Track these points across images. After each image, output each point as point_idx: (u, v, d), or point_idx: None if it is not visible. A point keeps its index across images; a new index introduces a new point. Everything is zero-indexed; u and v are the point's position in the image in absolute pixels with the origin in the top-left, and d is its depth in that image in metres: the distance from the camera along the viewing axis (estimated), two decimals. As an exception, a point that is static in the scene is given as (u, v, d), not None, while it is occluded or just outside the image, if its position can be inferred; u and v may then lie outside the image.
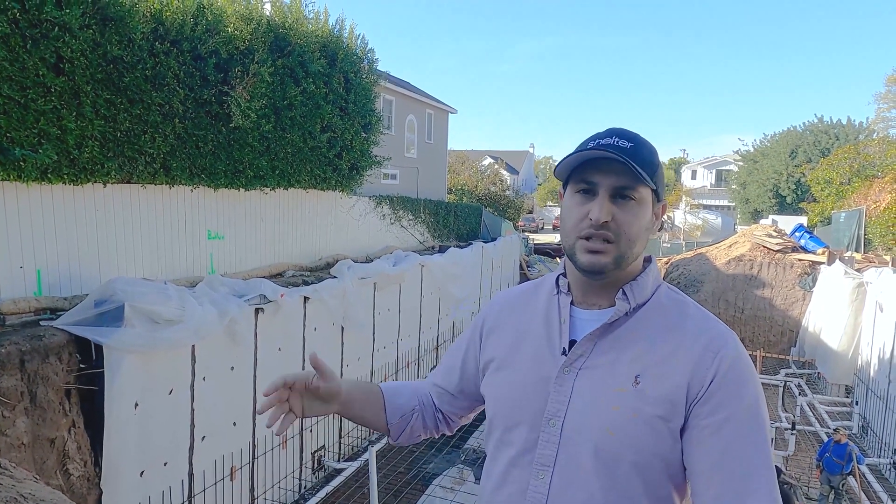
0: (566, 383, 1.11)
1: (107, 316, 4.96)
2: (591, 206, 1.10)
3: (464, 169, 28.45)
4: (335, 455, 8.57)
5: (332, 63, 9.08)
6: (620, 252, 1.10)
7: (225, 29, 7.02)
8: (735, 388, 1.02)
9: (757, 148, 34.04)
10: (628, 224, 1.09)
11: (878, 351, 10.38)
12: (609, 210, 1.08)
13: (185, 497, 5.80)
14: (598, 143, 1.10)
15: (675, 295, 1.18)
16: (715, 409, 1.01)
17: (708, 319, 1.13)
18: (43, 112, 5.11)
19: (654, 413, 1.03)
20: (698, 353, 1.05)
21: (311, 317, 7.74)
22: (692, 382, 1.04)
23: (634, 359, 1.08)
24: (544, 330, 1.20)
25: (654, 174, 1.11)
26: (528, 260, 21.32)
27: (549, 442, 1.10)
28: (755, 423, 1.01)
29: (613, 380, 1.08)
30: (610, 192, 1.09)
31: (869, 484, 8.09)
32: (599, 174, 1.09)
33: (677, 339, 1.09)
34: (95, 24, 5.49)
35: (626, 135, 1.12)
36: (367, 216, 11.82)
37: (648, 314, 1.13)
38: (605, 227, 1.08)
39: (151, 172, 6.51)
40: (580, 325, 1.16)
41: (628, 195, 1.09)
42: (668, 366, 1.06)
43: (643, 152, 1.10)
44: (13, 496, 2.03)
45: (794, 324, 14.58)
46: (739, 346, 1.08)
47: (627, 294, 1.13)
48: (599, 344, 1.12)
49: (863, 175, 19.08)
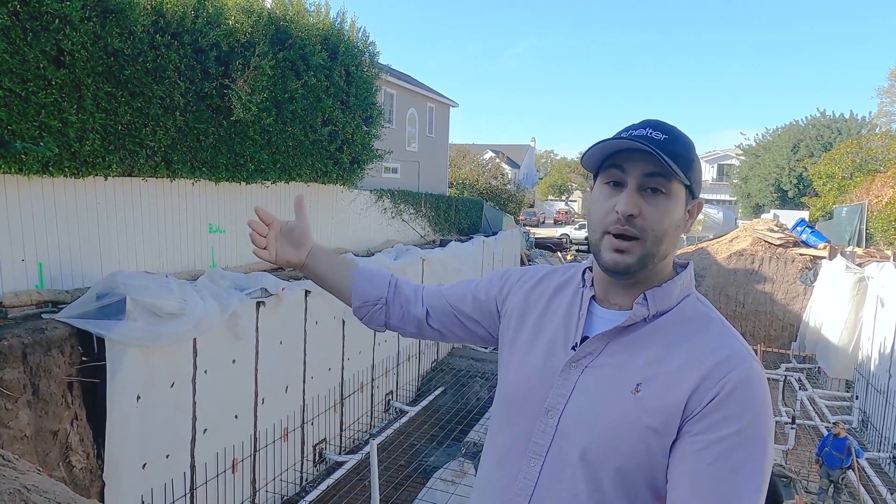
0: (570, 378, 1.10)
1: (108, 309, 4.97)
2: (618, 199, 1.06)
3: (465, 163, 28.41)
4: (336, 448, 8.60)
5: (333, 56, 9.05)
6: (646, 250, 1.05)
7: (226, 21, 6.99)
8: (736, 411, 0.95)
9: (759, 142, 33.92)
10: (656, 219, 1.04)
11: (878, 346, 10.38)
12: (636, 203, 1.04)
13: (186, 489, 5.83)
14: (631, 134, 1.06)
15: (703, 308, 1.12)
16: (707, 429, 0.95)
17: (729, 337, 1.05)
18: (44, 105, 5.10)
19: (648, 424, 0.99)
20: (706, 371, 0.99)
21: (313, 310, 7.75)
22: (692, 399, 0.98)
23: (642, 366, 1.05)
24: (563, 321, 1.19)
25: (688, 169, 1.05)
26: (529, 254, 21.31)
27: (545, 433, 1.10)
28: (748, 449, 0.93)
29: (616, 383, 1.05)
30: (639, 185, 1.05)
31: (868, 478, 8.11)
32: (630, 164, 1.05)
33: (690, 352, 1.03)
34: (96, 17, 5.47)
35: (661, 126, 1.07)
36: (368, 210, 11.81)
37: (668, 323, 1.08)
38: (632, 222, 1.04)
39: (152, 166, 6.50)
40: (597, 322, 1.14)
41: (659, 188, 1.04)
42: (674, 379, 1.01)
43: (677, 145, 1.05)
44: (16, 487, 2.04)
45: (795, 318, 14.59)
46: (754, 370, 1.00)
47: (648, 300, 1.08)
48: (611, 345, 1.09)
49: (865, 170, 19.03)
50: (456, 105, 20.50)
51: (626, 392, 1.04)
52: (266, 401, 6.94)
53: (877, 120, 28.65)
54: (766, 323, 14.81)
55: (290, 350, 7.37)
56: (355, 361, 9.01)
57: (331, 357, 8.37)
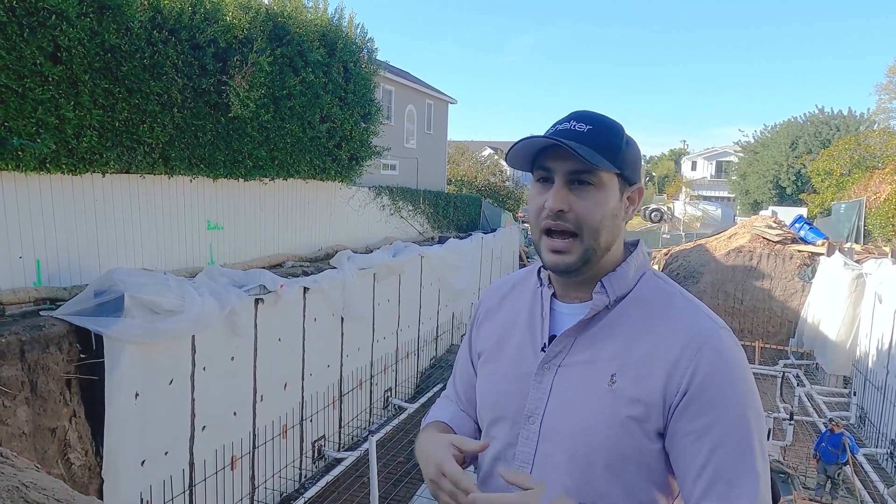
0: (545, 380, 1.09)
1: (107, 306, 4.96)
2: (548, 194, 1.05)
3: (463, 160, 28.37)
4: (335, 445, 8.61)
5: (331, 52, 9.03)
6: (585, 246, 1.04)
7: (223, 17, 6.97)
8: (717, 390, 0.97)
9: (757, 139, 33.94)
10: (588, 212, 1.03)
11: (876, 342, 10.40)
12: (564, 197, 1.03)
13: (185, 486, 5.83)
14: (556, 129, 1.06)
15: (662, 284, 1.11)
16: (696, 416, 0.97)
17: (692, 313, 1.05)
18: (41, 101, 5.08)
19: (629, 414, 1.00)
20: (676, 354, 1.00)
21: (311, 307, 7.75)
22: (669, 385, 0.99)
23: (612, 357, 1.04)
24: (528, 324, 1.17)
25: (615, 156, 1.04)
26: (528, 251, 21.33)
27: (528, 439, 1.09)
28: (740, 425, 0.96)
29: (590, 379, 1.05)
30: (566, 179, 1.03)
31: (866, 473, 8.14)
32: (554, 161, 1.04)
33: (657, 336, 1.03)
34: (93, 13, 5.45)
35: (586, 117, 1.06)
36: (366, 207, 11.80)
37: (629, 307, 1.07)
38: (563, 217, 1.03)
39: (150, 162, 6.48)
40: (561, 319, 1.13)
41: (586, 180, 1.03)
42: (646, 366, 1.01)
43: (603, 134, 1.04)
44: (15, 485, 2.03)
45: (793, 315, 14.62)
46: (723, 341, 1.01)
47: (606, 287, 1.07)
48: (579, 340, 1.08)
49: (863, 166, 19.05)
50: (454, 102, 20.46)
51: (601, 386, 1.03)
52: (265, 398, 6.94)
53: (875, 116, 28.66)
54: (764, 319, 14.84)
55: (288, 347, 7.37)
56: (354, 358, 9.01)
57: (329, 354, 8.37)
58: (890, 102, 27.49)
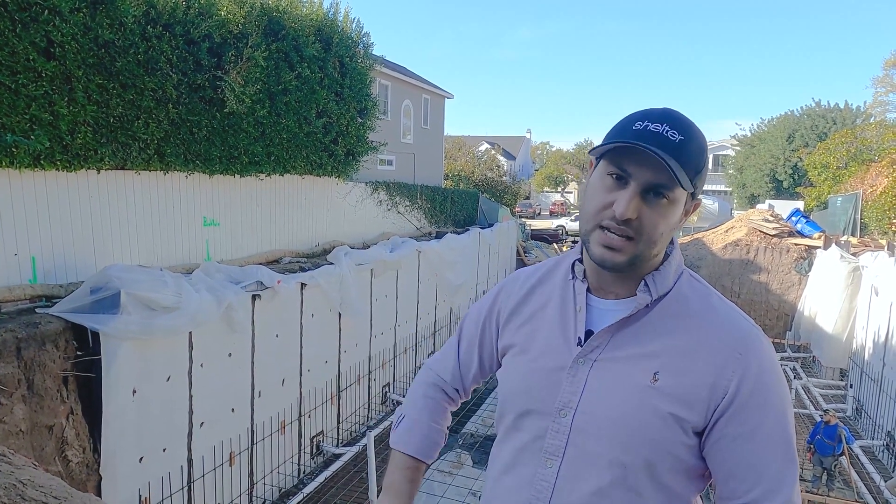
0: (580, 374, 1.09)
1: (103, 303, 4.94)
2: (618, 196, 1.01)
3: (460, 155, 28.35)
4: (333, 440, 8.62)
5: (326, 47, 8.98)
6: (638, 252, 1.03)
7: (218, 12, 6.93)
8: (764, 393, 1.01)
9: (754, 132, 33.94)
10: (653, 225, 1.01)
11: (872, 334, 10.45)
12: (636, 208, 1.00)
13: (184, 483, 5.83)
14: (646, 128, 1.00)
15: (698, 285, 1.13)
16: (746, 419, 1.00)
17: (730, 315, 1.07)
18: (34, 97, 5.05)
19: (671, 411, 1.01)
20: (723, 355, 1.02)
21: (309, 303, 7.74)
22: (715, 388, 1.01)
23: (653, 354, 1.05)
24: (559, 317, 1.16)
25: (696, 176, 1.02)
26: (525, 246, 21.33)
27: (559, 433, 1.08)
28: (784, 421, 1.01)
29: (630, 374, 1.05)
30: (642, 189, 1.00)
31: (862, 465, 8.18)
32: (635, 166, 1.00)
33: (700, 335, 1.04)
34: (86, 8, 5.41)
35: (679, 124, 1.01)
36: (363, 202, 11.78)
37: (669, 306, 1.08)
38: (628, 224, 1.01)
39: (145, 158, 6.45)
40: (597, 314, 1.12)
41: (662, 194, 1.01)
42: (689, 363, 1.03)
43: (691, 149, 1.00)
44: (12, 482, 2.03)
45: (790, 308, 14.67)
46: (763, 343, 1.05)
47: (650, 286, 1.07)
48: (617, 336, 1.08)
49: (860, 159, 19.09)
50: (451, 96, 20.42)
51: (643, 383, 1.04)
52: (263, 394, 6.94)
53: (871, 110, 28.67)
54: (761, 313, 14.88)
55: (286, 343, 7.36)
56: (352, 354, 9.01)
57: (327, 349, 8.37)
58: (886, 95, 27.51)
